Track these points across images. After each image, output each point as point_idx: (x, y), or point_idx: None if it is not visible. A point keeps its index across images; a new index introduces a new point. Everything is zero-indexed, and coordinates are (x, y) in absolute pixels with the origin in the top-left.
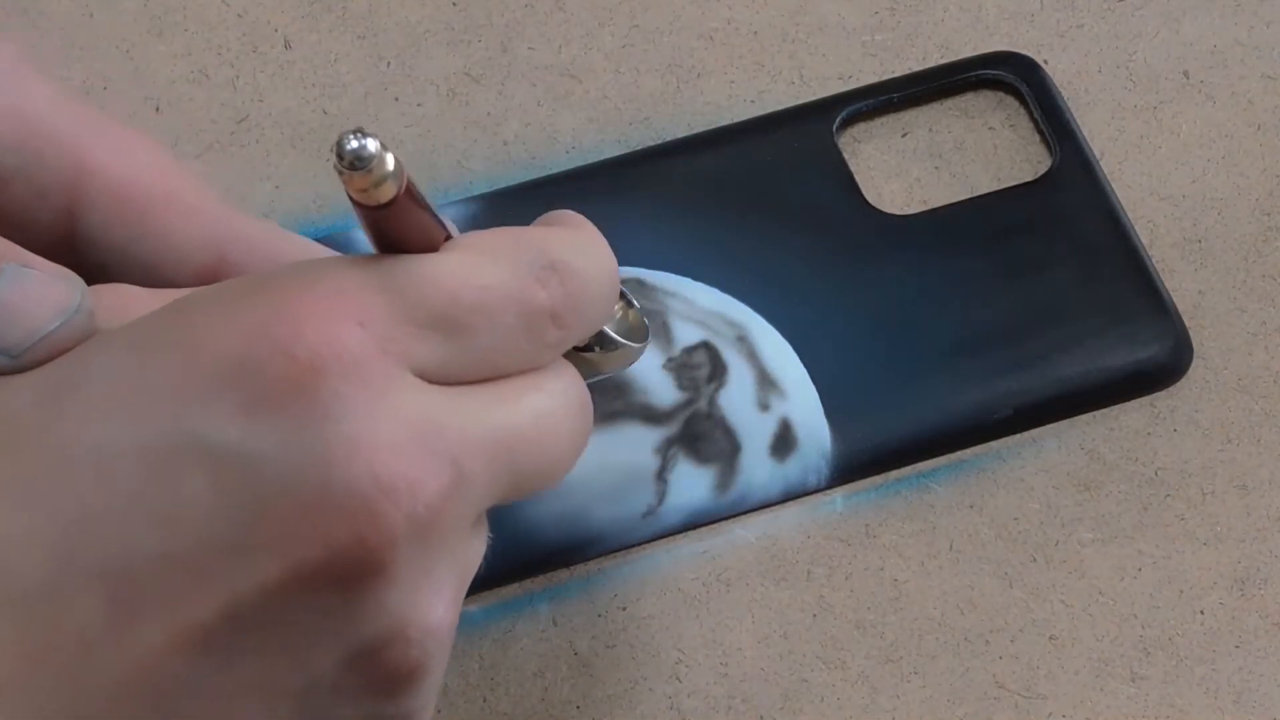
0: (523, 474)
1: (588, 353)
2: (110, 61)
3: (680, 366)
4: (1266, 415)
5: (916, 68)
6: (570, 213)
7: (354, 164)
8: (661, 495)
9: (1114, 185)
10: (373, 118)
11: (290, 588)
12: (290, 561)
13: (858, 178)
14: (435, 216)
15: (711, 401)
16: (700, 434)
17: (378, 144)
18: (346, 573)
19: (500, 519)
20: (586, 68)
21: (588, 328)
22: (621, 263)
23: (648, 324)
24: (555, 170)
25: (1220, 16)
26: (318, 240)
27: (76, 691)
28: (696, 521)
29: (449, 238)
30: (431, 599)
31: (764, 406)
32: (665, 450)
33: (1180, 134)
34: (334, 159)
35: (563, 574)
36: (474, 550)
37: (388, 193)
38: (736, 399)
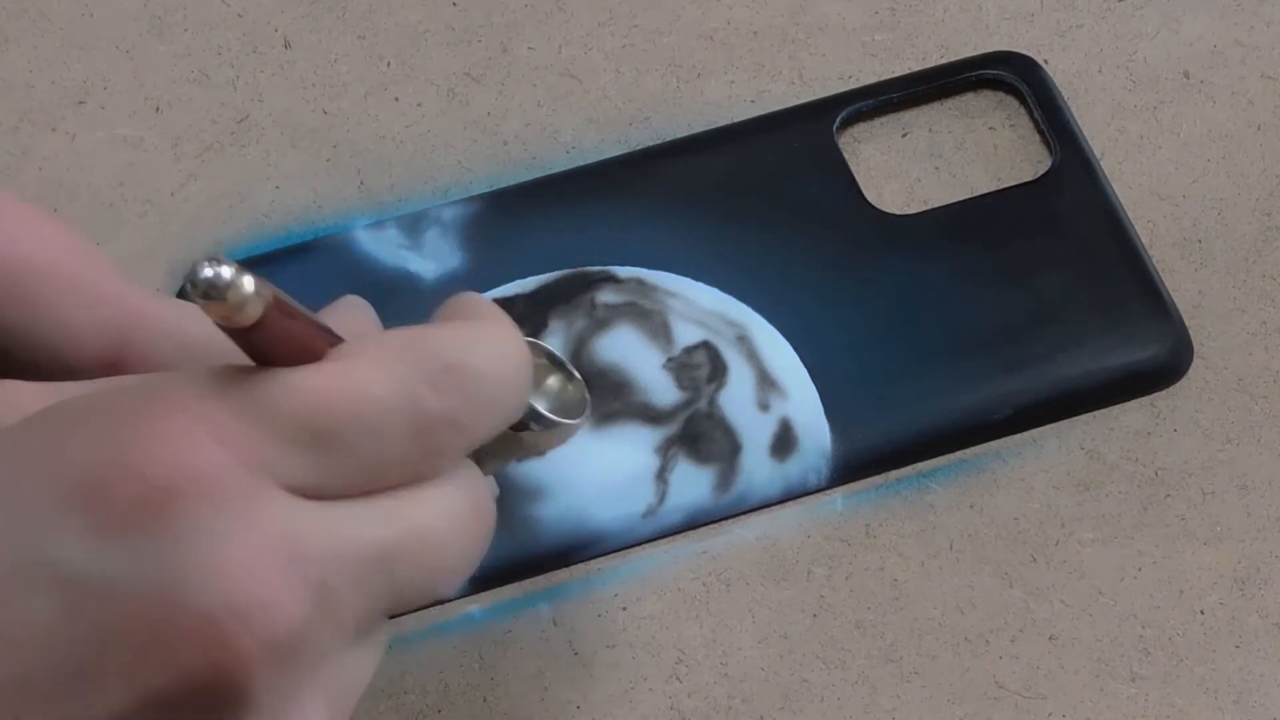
0: (403, 589)
1: (521, 432)
2: (110, 61)
3: (680, 366)
4: (1266, 415)
5: (916, 68)
6: (475, 299)
7: (208, 293)
8: (661, 495)
9: (1114, 185)
10: (373, 118)
11: (145, 717)
12: (143, 690)
13: (858, 178)
14: (317, 325)
15: (711, 401)
16: (700, 434)
17: (232, 270)
18: (203, 700)
19: (501, 519)
20: (586, 68)
21: (493, 429)
22: (622, 263)
23: (588, 397)
24: (555, 170)
25: (1220, 16)
26: (317, 242)
27: None
28: (696, 521)
29: (335, 343)
30: None
31: (764, 406)
32: (665, 450)
33: (1180, 134)
34: (189, 287)
35: (563, 574)
36: (356, 665)
37: (251, 315)
38: (737, 399)
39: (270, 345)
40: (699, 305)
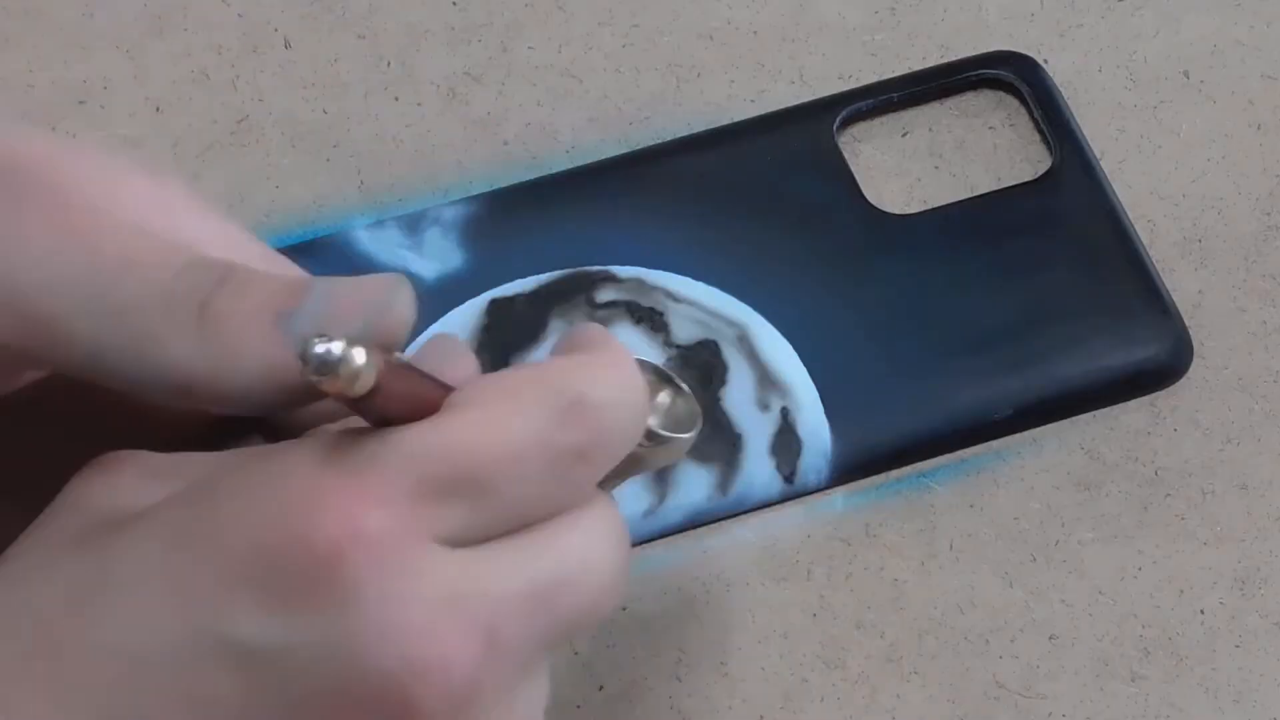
0: (564, 620)
1: (638, 449)
2: (110, 61)
3: (680, 366)
4: (1266, 415)
5: (916, 68)
6: (591, 330)
7: (320, 371)
8: (661, 495)
9: (1114, 185)
10: (373, 118)
11: None
12: None
13: (858, 177)
14: (429, 379)
15: (712, 401)
16: (700, 434)
17: (342, 344)
18: None
19: None
20: (586, 68)
21: (618, 456)
22: (622, 262)
23: (698, 409)
24: (555, 170)
25: (1220, 16)
26: (317, 242)
27: None
28: (696, 521)
29: (448, 391)
30: None
31: (764, 406)
32: None
33: (1180, 134)
34: (300, 365)
35: None
36: (532, 696)
37: (366, 385)
38: (737, 398)
39: (389, 408)
40: (699, 305)
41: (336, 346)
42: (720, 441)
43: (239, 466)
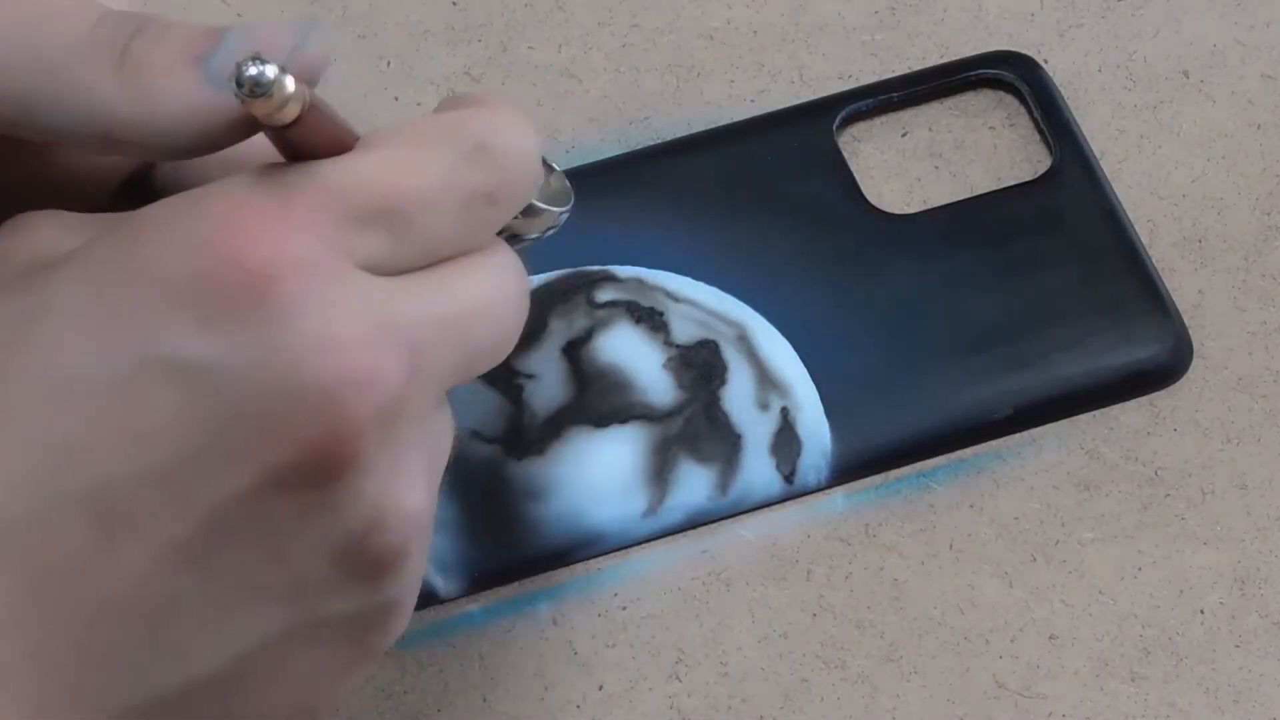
0: (475, 352)
1: (513, 220)
2: None
3: (680, 366)
4: (1266, 415)
5: (916, 67)
6: (482, 93)
7: (254, 91)
8: (661, 495)
9: (1114, 185)
10: (373, 118)
11: (267, 491)
12: (264, 465)
13: (858, 177)
14: (341, 120)
15: (711, 401)
16: (700, 434)
17: (275, 68)
18: (321, 469)
19: (501, 518)
20: (586, 68)
21: (520, 202)
22: (622, 262)
23: (569, 186)
24: None
25: (1220, 16)
26: None
27: (72, 620)
28: (696, 521)
29: (358, 138)
30: (406, 485)
31: (764, 406)
32: (665, 450)
33: (1180, 134)
34: (233, 86)
35: (563, 574)
36: (440, 432)
37: (292, 112)
38: (737, 398)
39: (308, 141)
40: (699, 304)
41: (270, 69)
42: (720, 441)
43: (163, 204)
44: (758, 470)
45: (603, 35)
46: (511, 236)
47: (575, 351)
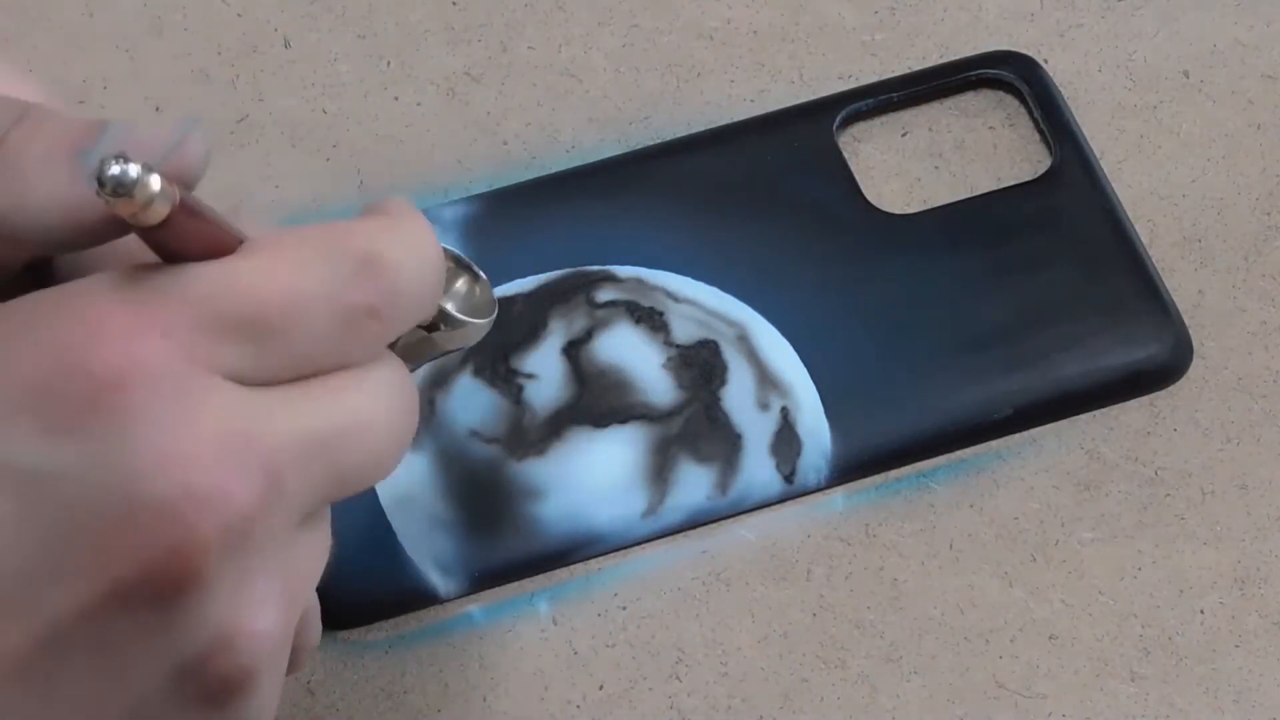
0: (344, 473)
1: (432, 331)
2: (110, 61)
3: (680, 366)
4: (1266, 415)
5: (916, 67)
6: (394, 199)
7: (116, 191)
8: (661, 495)
9: (1114, 185)
10: (373, 118)
11: (107, 608)
12: (104, 582)
13: (858, 177)
14: (225, 225)
15: (711, 401)
16: (700, 434)
17: (139, 168)
18: (162, 587)
19: (500, 518)
20: (586, 68)
21: (410, 319)
22: (622, 262)
23: (495, 298)
24: (555, 170)
25: (1220, 16)
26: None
27: None
28: (696, 521)
29: (243, 241)
30: (256, 606)
31: (764, 406)
32: (665, 450)
33: (1180, 134)
34: (95, 186)
35: (563, 574)
36: (305, 552)
37: (159, 213)
38: (737, 398)
39: (179, 243)
40: (699, 304)
41: (133, 169)
42: (720, 441)
43: (27, 300)
44: (758, 470)
45: (603, 35)
46: (425, 345)
47: (575, 351)
